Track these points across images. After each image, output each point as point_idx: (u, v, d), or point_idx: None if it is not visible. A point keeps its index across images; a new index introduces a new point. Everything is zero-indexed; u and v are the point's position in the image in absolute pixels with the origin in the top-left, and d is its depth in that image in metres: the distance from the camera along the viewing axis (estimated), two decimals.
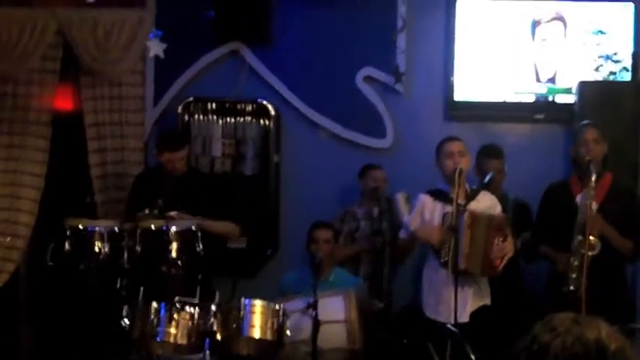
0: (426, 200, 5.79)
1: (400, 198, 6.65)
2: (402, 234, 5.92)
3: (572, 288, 5.36)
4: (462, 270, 5.45)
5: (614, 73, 7.05)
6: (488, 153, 6.44)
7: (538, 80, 7.18)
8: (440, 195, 5.73)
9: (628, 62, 7.05)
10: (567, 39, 7.15)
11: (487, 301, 5.71)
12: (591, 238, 5.33)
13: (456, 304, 5.30)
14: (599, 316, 1.75)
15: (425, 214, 5.76)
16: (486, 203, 5.73)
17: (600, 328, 1.67)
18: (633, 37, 7.06)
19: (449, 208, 5.49)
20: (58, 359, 7.18)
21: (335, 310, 5.56)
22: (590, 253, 5.31)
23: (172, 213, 5.80)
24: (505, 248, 5.53)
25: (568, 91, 7.08)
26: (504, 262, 5.57)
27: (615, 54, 7.05)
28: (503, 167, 6.48)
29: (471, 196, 5.70)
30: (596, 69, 7.06)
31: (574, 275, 5.38)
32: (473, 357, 4.62)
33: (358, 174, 6.99)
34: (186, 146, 6.34)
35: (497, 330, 5.40)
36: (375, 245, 6.75)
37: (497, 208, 5.75)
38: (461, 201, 5.55)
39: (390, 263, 6.79)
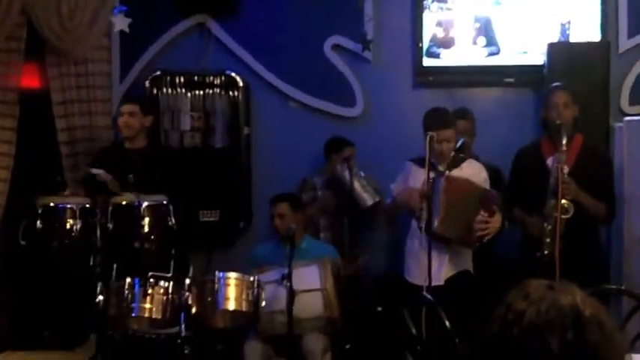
0: (411, 168, 5.80)
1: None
2: (387, 201, 5.98)
3: (546, 252, 5.37)
4: (436, 233, 5.44)
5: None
6: (456, 114, 6.39)
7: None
8: (424, 162, 5.70)
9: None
10: None
11: (468, 267, 5.72)
12: (564, 201, 5.33)
13: (430, 266, 5.31)
14: (573, 280, 1.75)
15: (410, 181, 5.75)
16: (468, 171, 5.70)
17: (575, 293, 1.67)
18: None
19: (433, 175, 5.49)
20: (34, 338, 7.14)
21: (311, 279, 5.58)
22: (563, 217, 5.32)
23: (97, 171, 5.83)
24: (489, 223, 5.52)
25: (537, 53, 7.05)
26: (487, 238, 5.56)
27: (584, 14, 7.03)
28: (471, 128, 6.48)
29: (454, 164, 5.70)
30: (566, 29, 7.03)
31: (548, 240, 5.39)
32: (447, 323, 4.65)
33: (330, 147, 6.89)
34: (140, 106, 6.39)
35: (472, 295, 5.42)
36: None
37: (481, 175, 5.72)
38: (442, 168, 5.60)
39: (350, 229, 6.77)
